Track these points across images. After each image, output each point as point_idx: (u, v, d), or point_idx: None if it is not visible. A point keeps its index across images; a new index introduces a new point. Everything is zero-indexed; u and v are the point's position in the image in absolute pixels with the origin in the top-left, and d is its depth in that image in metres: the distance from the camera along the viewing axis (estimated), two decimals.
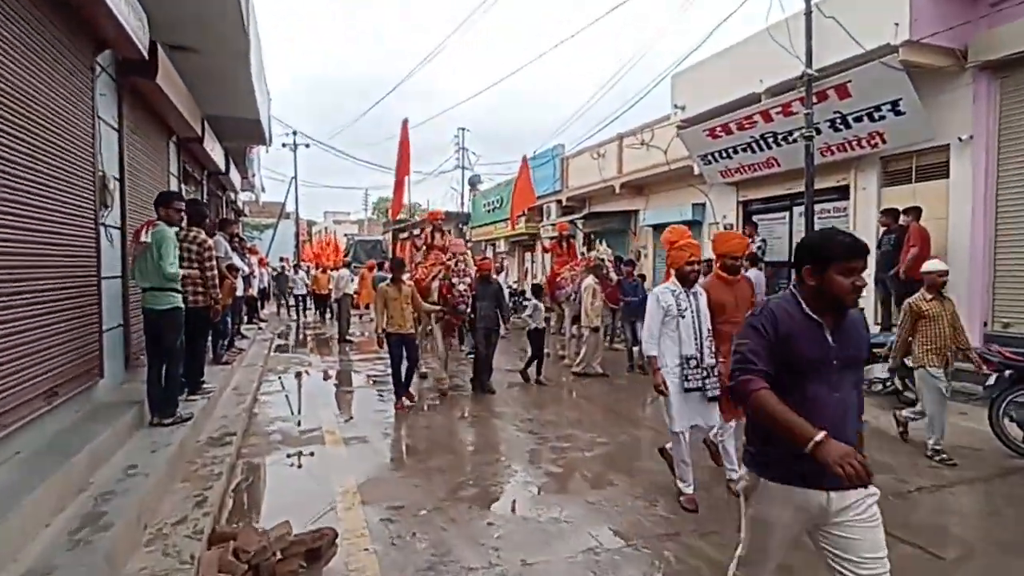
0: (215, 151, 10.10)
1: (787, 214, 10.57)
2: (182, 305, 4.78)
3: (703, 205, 12.30)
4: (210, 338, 7.15)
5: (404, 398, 6.59)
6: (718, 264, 4.22)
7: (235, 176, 13.65)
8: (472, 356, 8.78)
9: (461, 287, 6.82)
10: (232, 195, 16.60)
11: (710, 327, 3.89)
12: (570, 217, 17.07)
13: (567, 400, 7.39)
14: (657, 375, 3.85)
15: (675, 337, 3.83)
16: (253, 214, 28.75)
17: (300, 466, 4.91)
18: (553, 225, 17.52)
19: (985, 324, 7.41)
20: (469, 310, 6.95)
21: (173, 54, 6.70)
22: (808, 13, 8.17)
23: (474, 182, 26.07)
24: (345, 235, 30.20)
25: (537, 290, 8.25)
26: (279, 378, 8.81)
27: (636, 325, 9.11)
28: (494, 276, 7.47)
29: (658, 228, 13.90)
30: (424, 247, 8.38)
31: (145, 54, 5.01)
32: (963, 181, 7.61)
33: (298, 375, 9.19)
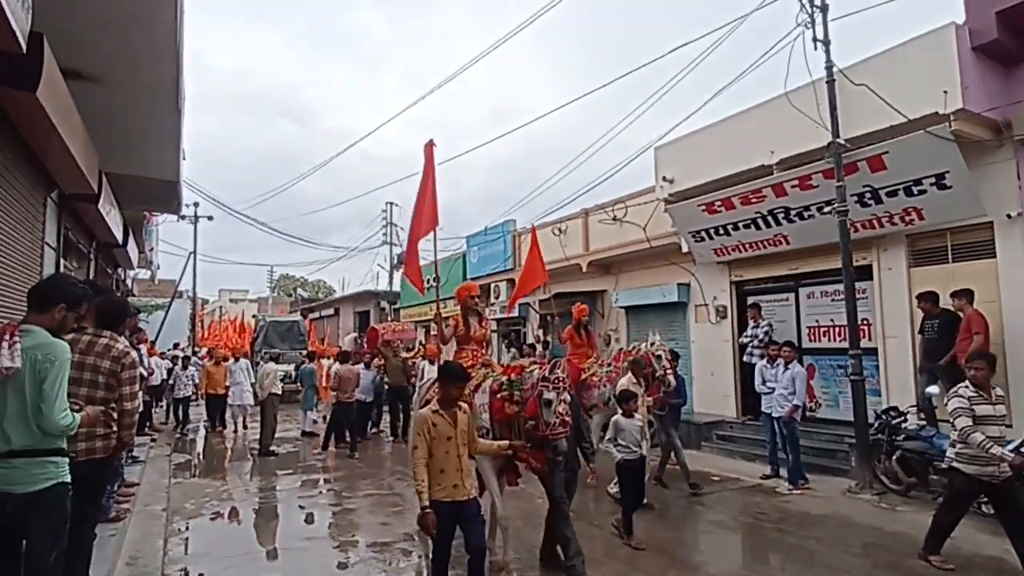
0: (112, 217, 7.75)
1: (791, 295, 9.66)
2: (68, 478, 2.62)
3: (688, 285, 11.27)
4: None
5: None
6: None
7: (132, 250, 11.05)
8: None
9: (561, 407, 4.09)
10: (122, 273, 13.70)
11: None
12: (528, 298, 15.60)
13: (622, 550, 5.37)
14: None
15: None
16: (142, 292, 24.95)
17: None
18: (504, 307, 15.96)
19: None
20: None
21: (67, 83, 4.66)
22: (830, 81, 7.54)
23: (403, 261, 24.19)
24: (254, 316, 26.79)
25: (626, 396, 5.70)
26: (189, 528, 6.25)
27: (672, 433, 7.39)
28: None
29: (631, 310, 12.71)
30: (453, 338, 5.74)
31: (23, 44, 3.02)
32: (1015, 261, 6.93)
33: (218, 517, 6.68)
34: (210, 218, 26.95)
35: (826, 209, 7.99)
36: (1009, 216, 6.95)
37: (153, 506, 6.76)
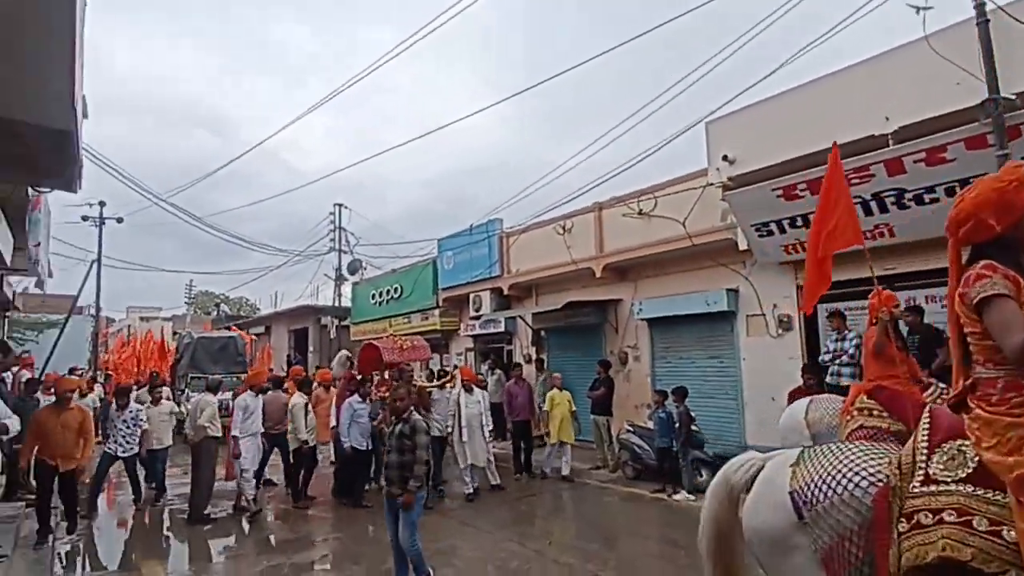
0: None
1: None
2: None
3: (736, 291, 9.39)
4: None
5: None
6: None
7: (3, 243, 7.94)
8: None
9: None
10: None
11: None
12: (513, 312, 13.34)
13: None
14: None
15: None
16: (31, 309, 20.68)
17: None
18: (486, 322, 13.63)
19: None
20: None
21: None
22: (983, 21, 5.86)
23: (355, 268, 21.35)
24: (176, 332, 22.91)
25: None
26: None
27: None
28: None
29: (656, 323, 10.69)
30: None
31: None
32: None
33: None
34: (120, 220, 22.91)
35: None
36: None
37: None
